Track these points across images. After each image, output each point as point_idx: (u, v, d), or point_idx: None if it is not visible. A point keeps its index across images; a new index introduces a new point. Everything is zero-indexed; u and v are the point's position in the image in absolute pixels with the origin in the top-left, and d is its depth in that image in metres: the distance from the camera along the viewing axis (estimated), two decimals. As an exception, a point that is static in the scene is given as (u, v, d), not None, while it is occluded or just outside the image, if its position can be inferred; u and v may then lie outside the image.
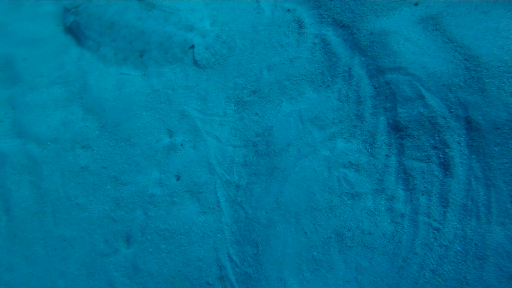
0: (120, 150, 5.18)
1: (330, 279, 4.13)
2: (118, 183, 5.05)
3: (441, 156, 4.16)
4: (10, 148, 5.56)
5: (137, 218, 4.85)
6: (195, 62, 5.43)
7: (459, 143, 4.13)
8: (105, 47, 5.86)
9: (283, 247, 4.31)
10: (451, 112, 4.20)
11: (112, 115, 5.35)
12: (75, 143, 5.37)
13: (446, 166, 4.12)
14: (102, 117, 5.39)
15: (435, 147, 4.19)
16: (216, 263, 4.48)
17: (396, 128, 4.36)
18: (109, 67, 5.77)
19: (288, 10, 5.42)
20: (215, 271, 4.47)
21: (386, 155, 4.32)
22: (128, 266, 4.73)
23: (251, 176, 4.64)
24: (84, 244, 4.95)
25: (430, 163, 4.18)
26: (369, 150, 4.38)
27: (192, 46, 5.50)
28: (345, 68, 4.70)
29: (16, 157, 5.49)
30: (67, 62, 5.99)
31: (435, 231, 4.02)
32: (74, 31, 6.22)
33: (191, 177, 4.81)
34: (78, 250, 4.96)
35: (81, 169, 5.22)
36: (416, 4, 4.75)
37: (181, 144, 4.96)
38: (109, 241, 4.86)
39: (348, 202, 4.29)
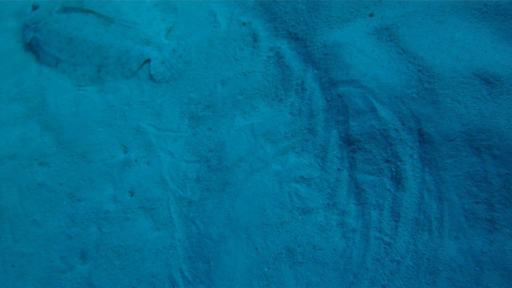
0: (76, 166, 4.89)
1: (281, 296, 3.83)
2: (74, 199, 4.76)
3: (393, 169, 3.89)
4: (-33, 164, 5.27)
5: (92, 235, 4.55)
6: (151, 77, 5.13)
7: (411, 156, 3.87)
8: (64, 63, 5.58)
9: (234, 263, 4.02)
10: (404, 124, 3.94)
11: (69, 131, 5.07)
12: (32, 159, 5.07)
13: (398, 180, 3.86)
14: (59, 133, 5.10)
15: (387, 160, 3.92)
16: (169, 279, 4.19)
17: (348, 141, 4.09)
18: (67, 83, 5.47)
19: (244, 23, 5.15)
20: (168, 288, 4.16)
21: (338, 169, 4.04)
22: (83, 283, 4.44)
23: (204, 192, 4.35)
24: (41, 260, 4.65)
25: (382, 177, 3.91)
26: (321, 164, 4.10)
27: (148, 60, 5.19)
28: (298, 81, 4.44)
29: (-28, 174, 5.19)
30: (26, 78, 5.71)
31: (386, 246, 3.74)
32: (34, 47, 5.95)
33: (145, 193, 4.51)
34: (35, 266, 4.66)
35: (38, 185, 4.92)
36: (371, 15, 4.49)
37: (135, 160, 4.68)
38: (65, 258, 4.57)
39: (299, 217, 4.01)
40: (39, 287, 4.57)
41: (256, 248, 4.05)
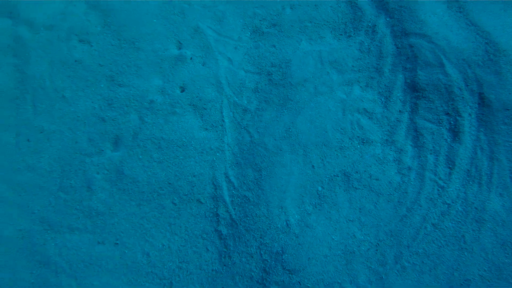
0: (122, 51, 3.93)
1: (333, 216, 3.27)
2: (114, 83, 3.81)
3: (452, 122, 3.48)
4: (-4, 26, 4.08)
5: (131, 122, 3.66)
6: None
7: (470, 114, 3.51)
8: None
9: (288, 176, 3.36)
10: (467, 85, 3.56)
11: (119, 15, 4.09)
12: (72, 34, 4.03)
13: (455, 132, 3.46)
14: (108, 15, 4.10)
15: (447, 113, 3.51)
16: (212, 181, 3.42)
17: (414, 88, 3.62)
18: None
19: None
20: (209, 190, 3.40)
21: (399, 110, 3.55)
22: (111, 170, 3.53)
23: (262, 103, 3.64)
24: (64, 139, 3.67)
25: (441, 127, 3.50)
26: (383, 102, 3.57)
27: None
28: (370, 24, 3.88)
29: (1, 36, 4.01)
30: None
31: (440, 189, 3.34)
32: None
33: (197, 92, 3.69)
34: (55, 144, 3.67)
35: (75, 61, 3.91)
36: (443, -16, 4.03)
37: (191, 58, 3.83)
38: (94, 141, 3.63)
39: (358, 146, 3.45)
40: (56, 166, 3.56)
41: (313, 166, 3.42)
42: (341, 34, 3.93)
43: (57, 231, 3.54)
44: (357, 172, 3.43)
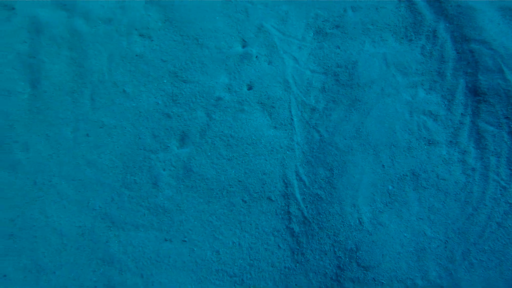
0: (185, 47, 4.06)
1: (404, 214, 3.50)
2: (178, 79, 3.94)
3: (511, 126, 3.71)
4: (49, 18, 4.21)
5: (198, 119, 3.79)
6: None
7: None
8: None
9: (359, 175, 3.59)
10: None
11: (181, 11, 4.21)
12: (132, 28, 4.14)
13: None
14: (169, 10, 4.22)
15: (507, 117, 3.80)
16: (282, 179, 3.61)
17: (475, 92, 3.90)
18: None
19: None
20: (280, 188, 3.59)
21: (462, 113, 3.82)
22: (179, 167, 3.66)
23: (329, 103, 3.85)
24: (126, 135, 3.77)
25: (501, 130, 3.78)
26: (447, 105, 3.85)
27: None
28: (430, 29, 4.14)
29: (56, 28, 4.13)
30: None
31: (502, 189, 3.60)
32: None
33: (265, 90, 3.88)
34: (116, 140, 3.77)
35: (135, 56, 4.02)
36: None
37: (256, 56, 3.99)
38: (159, 137, 3.75)
39: (425, 146, 3.71)
40: (118, 162, 3.70)
41: (383, 165, 3.66)
42: (403, 38, 4.19)
43: (121, 228, 3.66)
44: (425, 171, 3.70)
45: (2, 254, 3.56)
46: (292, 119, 3.81)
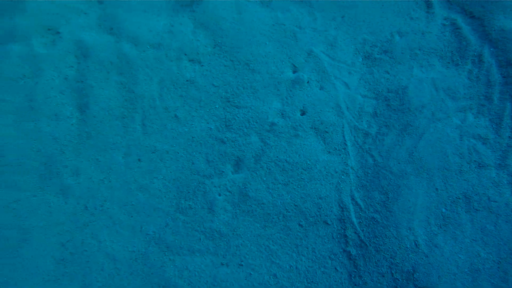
0: (235, 72, 4.24)
1: (458, 236, 3.72)
2: (230, 105, 4.12)
3: (557, 151, 3.98)
4: (96, 42, 4.35)
5: (252, 144, 3.98)
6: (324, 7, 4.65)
7: None
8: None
9: (414, 199, 3.79)
10: None
11: (230, 36, 4.38)
12: (182, 53, 4.31)
13: None
14: (218, 35, 4.39)
15: (553, 141, 4.00)
16: (338, 204, 3.81)
17: (521, 115, 4.10)
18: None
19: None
20: (336, 212, 3.79)
21: (509, 136, 4.03)
22: (234, 192, 3.85)
23: (382, 127, 4.05)
24: (179, 160, 3.95)
25: (548, 154, 3.98)
26: (495, 128, 4.06)
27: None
28: (475, 53, 4.33)
29: (104, 53, 4.28)
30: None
31: (551, 211, 3.79)
32: None
33: (318, 115, 4.07)
34: (169, 165, 3.94)
35: (186, 81, 4.19)
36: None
37: (307, 81, 4.19)
38: (213, 162, 3.93)
39: (476, 169, 3.92)
40: (171, 187, 3.89)
41: (436, 188, 3.87)
42: (449, 62, 4.41)
43: (176, 253, 3.84)
44: (476, 194, 3.92)
45: (53, 279, 3.72)
46: (346, 144, 4.01)
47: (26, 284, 3.75)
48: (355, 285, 3.64)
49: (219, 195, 3.86)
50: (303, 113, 4.07)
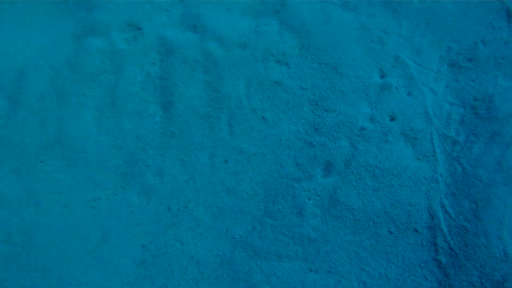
0: (323, 75, 4.28)
1: (548, 247, 3.80)
2: (319, 108, 4.16)
3: None
4: (180, 39, 4.35)
5: (342, 148, 4.03)
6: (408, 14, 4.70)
7: None
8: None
9: (503, 207, 3.88)
10: None
11: (317, 38, 4.41)
12: (268, 54, 4.32)
13: None
14: (305, 37, 4.41)
15: None
16: (428, 211, 3.88)
17: None
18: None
19: (498, -2, 4.96)
20: (426, 220, 3.86)
21: None
22: (324, 197, 3.90)
23: (469, 135, 4.12)
24: (267, 162, 3.98)
25: None
26: None
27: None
28: (558, 64, 4.42)
29: (189, 51, 4.29)
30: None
31: None
32: None
33: (408, 121, 4.13)
34: (256, 167, 3.97)
35: (273, 83, 4.21)
36: None
37: (395, 87, 4.24)
38: (302, 166, 3.97)
39: (561, 182, 4.01)
40: (259, 190, 3.92)
41: (526, 198, 3.97)
42: (532, 73, 4.52)
43: (264, 258, 3.88)
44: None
45: (132, 281, 3.74)
46: (435, 151, 4.08)
47: (105, 285, 3.76)
48: (445, 293, 3.71)
49: (309, 199, 3.90)
50: (392, 119, 4.12)
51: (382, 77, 4.28)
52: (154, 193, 3.97)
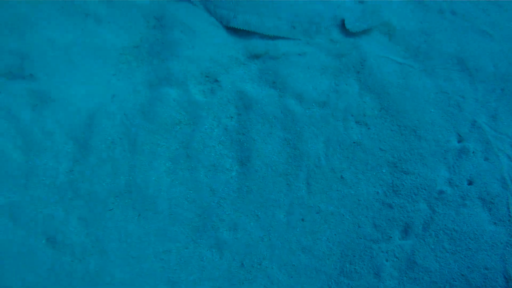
0: (403, 137, 4.46)
1: None
2: (397, 170, 4.34)
3: None
4: (258, 94, 4.53)
5: (421, 211, 4.20)
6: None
7: None
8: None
9: None
10: None
11: (397, 100, 4.60)
12: (348, 114, 4.51)
13: None
14: (384, 99, 4.60)
15: None
16: (503, 275, 4.04)
17: None
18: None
19: None
20: (501, 283, 4.03)
21: None
22: (402, 258, 4.06)
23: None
24: (344, 223, 4.15)
25: None
26: None
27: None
28: None
29: (268, 107, 4.47)
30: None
31: None
32: None
33: (485, 186, 4.29)
34: (333, 227, 4.14)
35: (353, 143, 4.39)
36: None
37: (473, 152, 4.41)
38: (380, 227, 4.14)
39: None
40: (336, 249, 4.10)
41: None
42: None
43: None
44: None
45: None
46: (510, 216, 4.24)
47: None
48: None
49: (386, 260, 4.07)
50: (470, 183, 4.29)
51: (459, 141, 4.45)
52: (227, 248, 4.12)
